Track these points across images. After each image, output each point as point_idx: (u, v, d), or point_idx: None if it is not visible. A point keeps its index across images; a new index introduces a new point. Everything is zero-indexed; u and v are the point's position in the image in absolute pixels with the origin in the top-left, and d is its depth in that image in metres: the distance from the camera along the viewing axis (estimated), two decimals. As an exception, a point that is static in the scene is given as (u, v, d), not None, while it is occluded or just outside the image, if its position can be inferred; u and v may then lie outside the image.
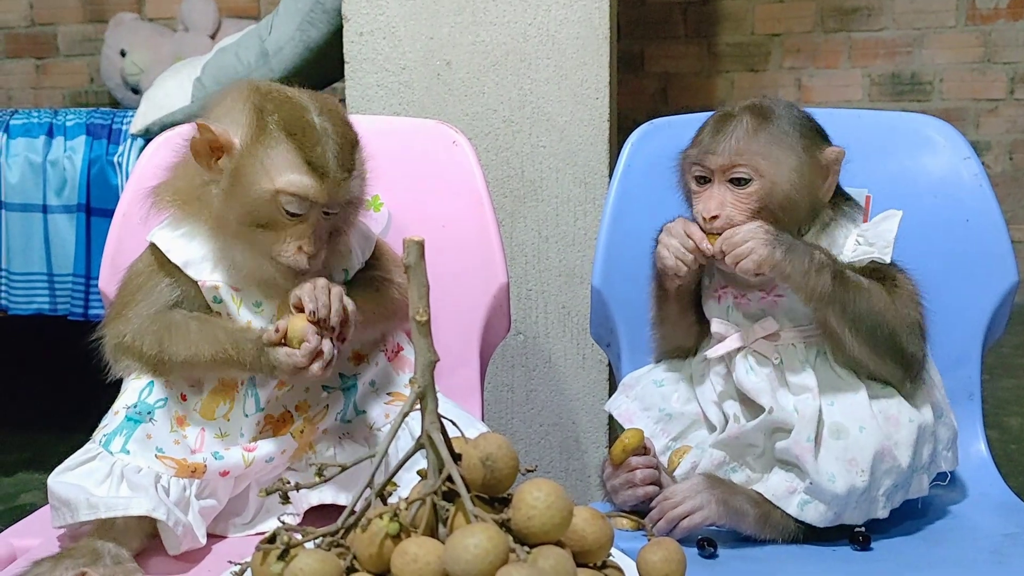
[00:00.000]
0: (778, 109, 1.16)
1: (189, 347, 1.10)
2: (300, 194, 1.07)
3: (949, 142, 1.36)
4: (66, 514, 1.06)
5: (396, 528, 0.76)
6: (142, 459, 1.10)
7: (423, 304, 0.80)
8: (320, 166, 1.07)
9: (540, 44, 1.75)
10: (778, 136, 1.13)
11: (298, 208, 1.08)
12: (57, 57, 3.74)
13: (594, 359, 1.81)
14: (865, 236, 1.17)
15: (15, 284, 2.15)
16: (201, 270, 1.14)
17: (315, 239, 1.09)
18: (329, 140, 1.08)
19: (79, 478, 1.08)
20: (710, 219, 1.13)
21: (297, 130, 1.08)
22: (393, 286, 1.21)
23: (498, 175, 1.77)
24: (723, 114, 1.17)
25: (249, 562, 0.80)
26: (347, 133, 1.12)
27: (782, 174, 1.13)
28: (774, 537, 1.11)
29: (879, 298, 1.11)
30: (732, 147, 1.13)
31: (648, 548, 0.86)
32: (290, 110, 1.09)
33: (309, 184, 1.07)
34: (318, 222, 1.09)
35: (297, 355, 1.06)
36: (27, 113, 2.21)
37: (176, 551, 1.09)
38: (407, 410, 0.80)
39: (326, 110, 1.11)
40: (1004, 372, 2.81)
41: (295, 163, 1.07)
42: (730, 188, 1.14)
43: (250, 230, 1.09)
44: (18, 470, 2.40)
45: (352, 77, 1.79)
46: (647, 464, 1.15)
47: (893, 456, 1.09)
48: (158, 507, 1.05)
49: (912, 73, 3.51)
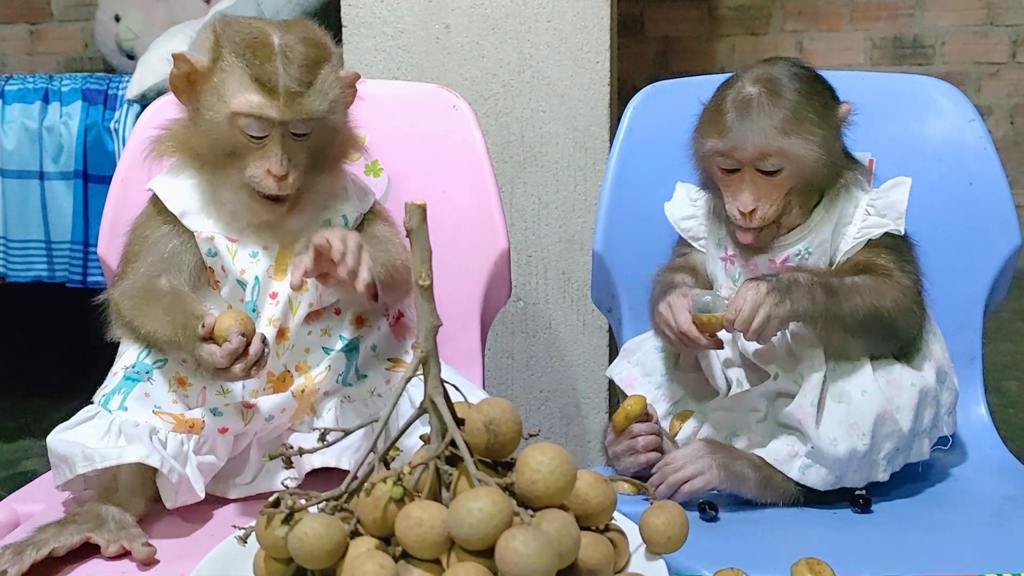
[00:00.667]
0: (789, 78, 1.12)
1: (153, 323, 1.10)
2: (252, 113, 1.06)
3: (953, 104, 1.35)
4: (65, 470, 1.07)
5: (400, 492, 0.76)
6: (140, 415, 1.10)
7: (426, 268, 0.79)
8: (269, 82, 1.05)
9: (540, 7, 1.73)
10: (799, 114, 1.11)
11: (257, 130, 1.07)
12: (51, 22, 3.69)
13: (594, 325, 1.81)
14: (875, 205, 1.16)
15: (13, 251, 2.14)
16: (198, 220, 1.14)
17: (282, 159, 1.07)
18: (283, 56, 1.06)
19: (78, 435, 1.08)
20: (748, 214, 1.12)
21: (249, 50, 1.07)
22: (394, 248, 1.19)
23: (498, 140, 1.76)
24: (740, 97, 1.12)
25: (253, 526, 0.80)
26: (309, 50, 1.08)
27: (809, 152, 1.11)
28: (775, 500, 1.11)
29: (870, 295, 1.10)
30: (760, 140, 1.10)
31: (650, 511, 0.86)
32: (248, 33, 1.08)
33: (259, 101, 1.06)
34: (284, 143, 1.07)
35: (217, 354, 1.02)
36: (22, 79, 2.19)
37: (172, 503, 1.09)
38: (410, 375, 0.80)
39: (292, 31, 1.09)
40: (1003, 336, 2.82)
41: (245, 82, 1.06)
42: (760, 177, 1.12)
43: (224, 159, 1.09)
44: (19, 437, 2.40)
45: (349, 41, 1.77)
46: (649, 431, 1.15)
47: (894, 420, 1.09)
48: (152, 454, 1.05)
49: (914, 36, 3.48)
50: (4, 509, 1.16)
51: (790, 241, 1.16)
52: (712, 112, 1.15)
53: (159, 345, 1.11)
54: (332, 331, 1.19)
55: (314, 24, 1.15)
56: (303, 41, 1.09)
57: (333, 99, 1.10)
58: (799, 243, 1.15)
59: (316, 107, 1.08)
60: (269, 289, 1.15)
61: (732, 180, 1.14)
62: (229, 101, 1.06)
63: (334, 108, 1.11)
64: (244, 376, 1.03)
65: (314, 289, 1.15)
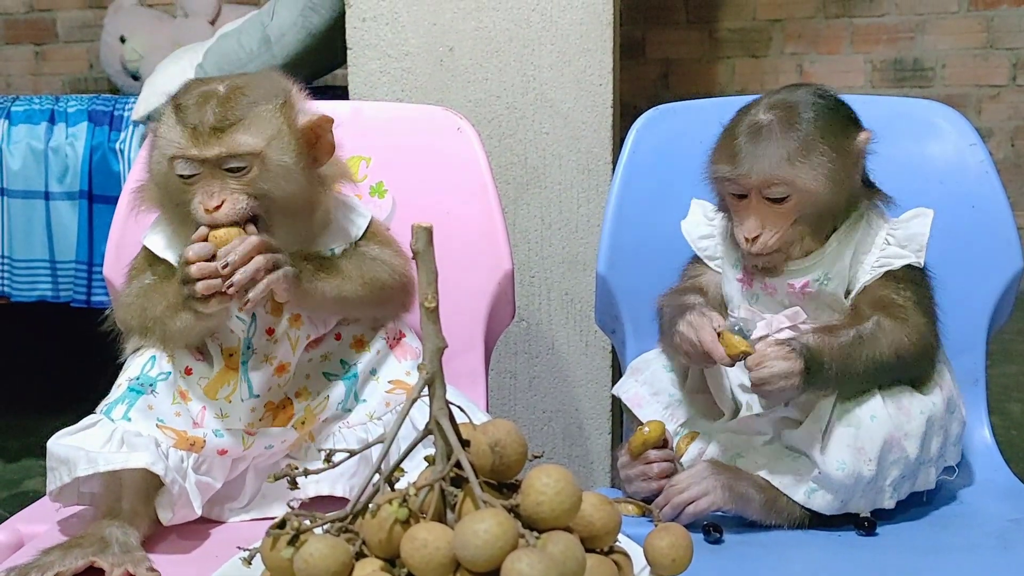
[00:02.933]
0: (806, 106, 1.12)
1: (162, 300, 1.11)
2: (177, 154, 1.06)
3: (955, 128, 1.36)
4: (63, 472, 1.06)
5: (406, 514, 0.76)
6: (143, 426, 1.10)
7: (431, 290, 0.79)
8: (191, 122, 1.06)
9: (543, 30, 1.74)
10: (810, 144, 1.10)
11: (186, 168, 1.07)
12: (56, 43, 3.72)
13: (597, 346, 1.81)
14: (895, 235, 1.16)
15: (17, 271, 2.15)
16: None
17: (212, 193, 1.06)
18: (211, 98, 1.07)
19: (79, 441, 1.08)
20: (751, 240, 1.12)
21: (185, 99, 1.08)
22: (383, 267, 1.18)
23: (501, 162, 1.77)
24: (752, 123, 1.12)
25: (259, 547, 0.80)
26: (246, 90, 1.08)
27: (818, 183, 1.10)
28: (780, 523, 1.11)
29: (886, 344, 1.10)
30: (767, 167, 1.09)
31: (655, 534, 0.86)
32: (192, 85, 1.10)
33: (181, 141, 1.06)
34: (216, 178, 1.06)
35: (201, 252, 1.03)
36: (29, 100, 2.21)
37: (169, 518, 1.09)
38: (416, 396, 0.80)
39: (235, 81, 1.10)
40: (1006, 359, 2.81)
41: (172, 126, 1.08)
42: (767, 204, 1.12)
43: (178, 211, 1.10)
44: (21, 457, 2.40)
45: (354, 63, 1.78)
46: (665, 458, 1.15)
47: (901, 447, 1.09)
48: (157, 462, 1.06)
49: (914, 59, 3.50)
50: (7, 529, 1.16)
51: (806, 265, 1.15)
52: (725, 137, 1.15)
53: (169, 324, 1.10)
54: (332, 356, 1.20)
55: (280, 76, 1.15)
56: (246, 85, 1.09)
57: (270, 135, 1.08)
58: (816, 268, 1.15)
59: (243, 141, 1.06)
60: (266, 325, 1.15)
61: (740, 206, 1.14)
62: (164, 149, 1.08)
63: (274, 146, 1.08)
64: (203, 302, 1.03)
65: (308, 322, 1.16)
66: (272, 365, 1.14)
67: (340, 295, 1.14)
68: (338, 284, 1.14)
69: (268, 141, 1.08)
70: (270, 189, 1.08)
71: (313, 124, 1.12)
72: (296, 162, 1.10)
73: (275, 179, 1.09)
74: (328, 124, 1.13)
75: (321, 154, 1.14)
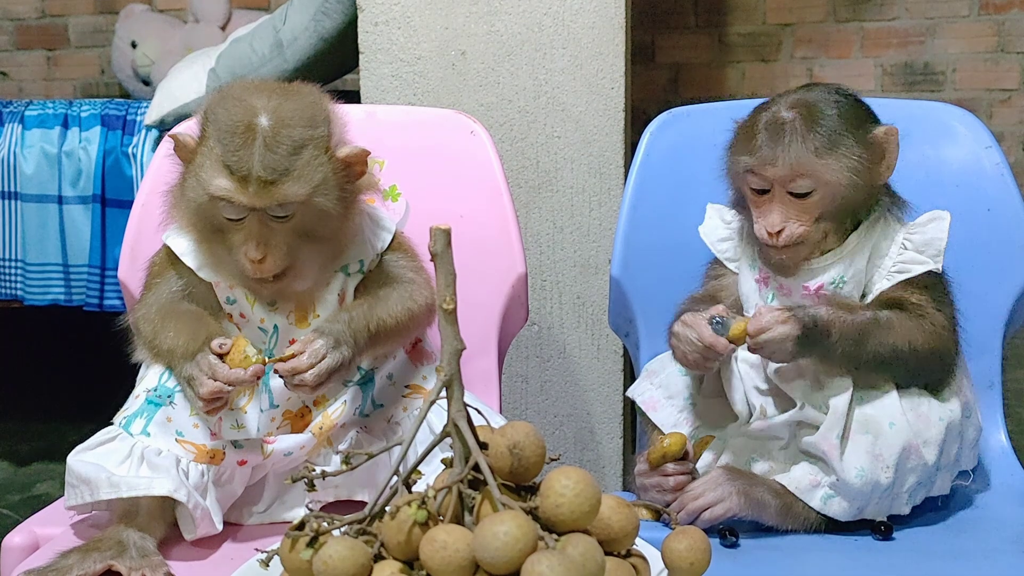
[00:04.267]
0: (826, 103, 1.12)
1: (175, 336, 1.11)
2: (225, 198, 1.05)
3: (970, 131, 1.35)
4: (84, 492, 1.07)
5: (424, 516, 0.76)
6: (163, 442, 1.10)
7: (450, 292, 0.79)
8: (241, 169, 1.04)
9: (555, 34, 1.74)
10: (833, 138, 1.10)
11: (233, 213, 1.07)
12: (68, 49, 3.73)
13: (609, 350, 1.81)
14: (912, 240, 1.15)
15: (31, 275, 2.15)
16: (214, 273, 1.15)
17: (259, 244, 1.06)
18: (259, 142, 1.05)
19: (99, 457, 1.08)
20: (775, 234, 1.12)
21: (228, 135, 1.05)
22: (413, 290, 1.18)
23: (513, 165, 1.77)
24: (775, 119, 1.12)
25: (276, 549, 0.80)
26: (293, 133, 1.06)
27: (841, 177, 1.10)
28: (795, 528, 1.11)
29: (900, 335, 1.09)
30: (791, 161, 1.10)
31: (673, 536, 0.86)
32: (233, 112, 1.07)
33: (229, 187, 1.05)
34: (261, 227, 1.07)
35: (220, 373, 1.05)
36: (42, 104, 2.21)
37: (192, 536, 1.10)
38: (434, 398, 0.80)
39: (282, 109, 1.07)
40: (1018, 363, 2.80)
41: (219, 167, 1.06)
42: (791, 199, 1.12)
43: (212, 234, 1.10)
44: (34, 460, 2.41)
45: (367, 67, 1.79)
46: (683, 471, 1.14)
47: (920, 454, 1.08)
48: (179, 488, 1.06)
49: (925, 63, 3.49)
50: (24, 532, 1.16)
51: (823, 265, 1.15)
52: (746, 131, 1.15)
53: (175, 361, 1.11)
54: None
55: (317, 95, 1.13)
56: (289, 122, 1.06)
57: (317, 183, 1.07)
58: (833, 270, 1.15)
59: (292, 193, 1.06)
60: (289, 336, 1.15)
61: (762, 201, 1.14)
62: (206, 185, 1.07)
63: (319, 191, 1.08)
64: (203, 409, 1.06)
65: None
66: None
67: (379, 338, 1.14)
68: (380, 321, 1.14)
69: (314, 188, 1.07)
70: (313, 229, 1.09)
71: (352, 158, 1.12)
72: (338, 200, 1.11)
73: (318, 220, 1.09)
74: (365, 156, 1.13)
75: (359, 183, 1.14)
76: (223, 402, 1.06)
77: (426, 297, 1.19)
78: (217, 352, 1.06)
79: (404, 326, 1.16)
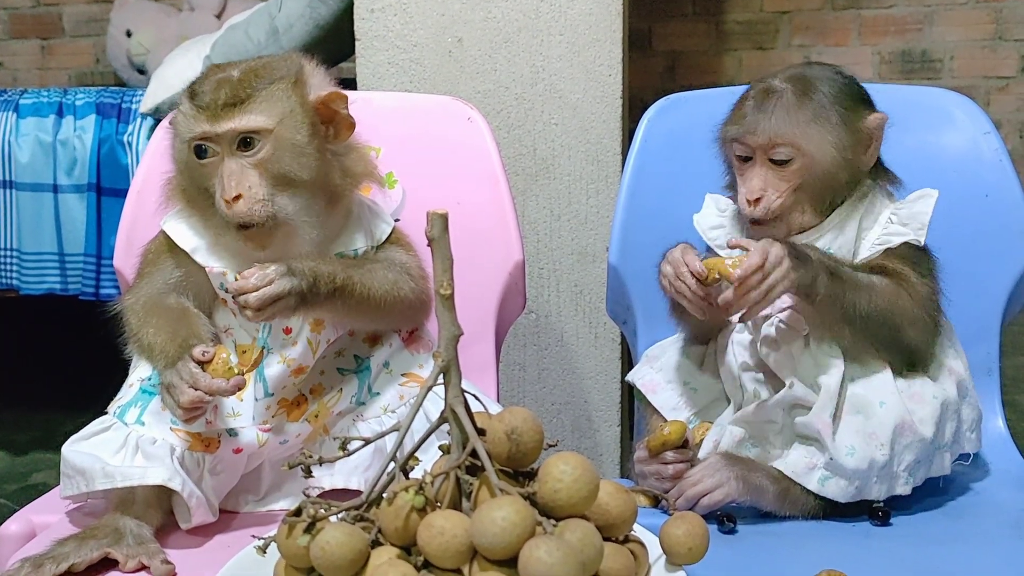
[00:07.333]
0: (820, 80, 1.14)
1: (156, 334, 1.11)
2: (190, 131, 1.08)
3: (969, 117, 1.35)
4: (80, 482, 1.06)
5: (422, 501, 0.76)
6: (157, 431, 1.09)
7: (447, 277, 0.79)
8: (200, 97, 1.08)
9: (552, 20, 1.73)
10: (819, 111, 1.12)
11: (206, 156, 1.08)
12: (63, 38, 3.71)
13: (606, 337, 1.81)
14: (899, 215, 1.16)
15: (26, 264, 2.15)
16: (208, 257, 1.14)
17: (232, 181, 1.06)
18: (221, 77, 1.09)
19: (94, 447, 1.08)
20: (753, 201, 1.14)
21: (200, 84, 1.10)
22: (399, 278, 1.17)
23: (510, 153, 1.76)
24: (765, 88, 1.15)
25: (274, 536, 0.80)
26: (257, 70, 1.09)
27: (823, 150, 1.12)
28: (794, 513, 1.11)
29: (881, 295, 1.10)
30: (772, 127, 1.12)
31: (671, 522, 0.86)
32: (210, 72, 1.11)
33: (192, 115, 1.08)
34: (233, 162, 1.07)
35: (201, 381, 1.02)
36: (36, 92, 2.20)
37: (188, 524, 1.09)
38: (432, 383, 0.80)
39: (253, 64, 1.11)
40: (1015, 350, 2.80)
41: (188, 107, 1.09)
42: (771, 167, 1.14)
43: (205, 198, 1.10)
44: (30, 449, 2.41)
45: (363, 54, 1.78)
46: (682, 459, 1.14)
47: (914, 430, 1.08)
48: (174, 477, 1.05)
49: (922, 51, 3.49)
50: (20, 520, 1.16)
51: (810, 240, 1.15)
52: (738, 103, 1.18)
53: (154, 360, 1.10)
54: (346, 351, 1.20)
55: (297, 56, 1.15)
56: (260, 67, 1.10)
57: (282, 114, 1.08)
58: (817, 244, 1.15)
59: (253, 119, 1.07)
60: (283, 324, 1.14)
61: (745, 168, 1.16)
62: (182, 134, 1.10)
63: (285, 124, 1.08)
64: (182, 418, 1.05)
65: (330, 327, 1.16)
66: (290, 368, 1.14)
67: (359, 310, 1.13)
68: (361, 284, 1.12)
69: (280, 118, 1.08)
70: (286, 168, 1.08)
71: (325, 99, 1.12)
72: (310, 139, 1.10)
73: (289, 157, 1.09)
74: (341, 99, 1.13)
75: (340, 129, 1.14)
76: (202, 411, 1.05)
77: (414, 289, 1.17)
78: (199, 360, 1.04)
79: (376, 303, 1.13)
